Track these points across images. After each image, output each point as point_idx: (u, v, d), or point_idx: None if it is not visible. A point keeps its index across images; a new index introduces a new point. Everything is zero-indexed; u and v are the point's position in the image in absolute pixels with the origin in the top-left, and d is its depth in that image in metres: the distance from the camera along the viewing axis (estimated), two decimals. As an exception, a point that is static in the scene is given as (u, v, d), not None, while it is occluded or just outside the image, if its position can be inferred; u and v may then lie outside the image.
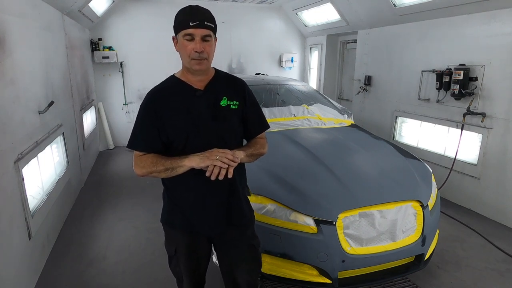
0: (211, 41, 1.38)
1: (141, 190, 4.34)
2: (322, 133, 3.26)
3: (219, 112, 1.45)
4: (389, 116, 5.04)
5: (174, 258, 1.61)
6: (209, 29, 1.35)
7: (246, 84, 1.59)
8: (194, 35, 1.33)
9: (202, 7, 1.38)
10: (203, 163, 1.31)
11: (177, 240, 1.57)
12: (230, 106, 1.47)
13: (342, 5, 5.32)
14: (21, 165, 2.32)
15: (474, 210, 3.80)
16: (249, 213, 1.64)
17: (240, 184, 1.58)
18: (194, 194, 1.48)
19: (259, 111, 1.62)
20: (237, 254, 1.61)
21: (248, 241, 1.62)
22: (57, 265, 2.75)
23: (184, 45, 1.35)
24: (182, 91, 1.44)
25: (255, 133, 1.60)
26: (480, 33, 3.57)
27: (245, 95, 1.54)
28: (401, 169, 2.65)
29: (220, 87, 1.49)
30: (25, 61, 2.62)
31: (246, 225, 1.62)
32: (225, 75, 1.57)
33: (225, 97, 1.47)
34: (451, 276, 2.64)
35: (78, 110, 4.38)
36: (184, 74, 1.47)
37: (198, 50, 1.33)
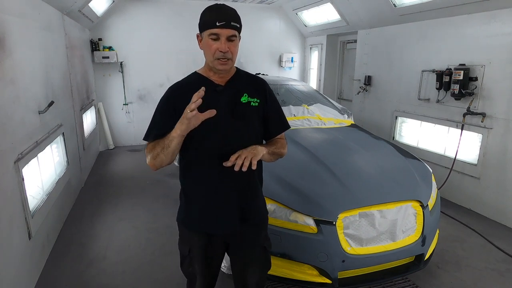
0: (236, 41, 1.37)
1: (141, 190, 4.34)
2: (322, 133, 3.26)
3: (239, 109, 1.43)
4: (389, 116, 5.04)
5: (188, 258, 1.58)
6: (234, 29, 1.34)
7: (267, 83, 1.58)
8: (220, 35, 1.32)
9: (229, 7, 1.37)
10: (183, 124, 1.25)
11: (191, 240, 1.55)
12: (251, 103, 1.46)
13: (342, 5, 5.32)
14: (21, 165, 2.32)
15: (474, 210, 3.80)
16: (264, 215, 1.63)
17: (258, 182, 1.57)
18: (210, 192, 1.47)
19: (280, 111, 1.59)
20: (250, 256, 1.60)
21: (261, 243, 1.61)
22: (57, 265, 2.75)
23: (209, 44, 1.35)
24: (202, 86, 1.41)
25: (275, 132, 1.57)
26: (480, 33, 3.57)
27: (266, 94, 1.52)
28: (401, 169, 2.65)
29: (241, 84, 1.48)
30: (25, 61, 2.62)
31: (260, 226, 1.61)
32: (246, 73, 1.56)
33: (246, 93, 1.45)
34: (451, 276, 2.64)
35: (78, 110, 4.38)
36: (206, 72, 1.47)
37: (224, 50, 1.33)
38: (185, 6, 6.35)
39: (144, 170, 5.10)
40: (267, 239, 1.66)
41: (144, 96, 6.48)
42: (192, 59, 6.52)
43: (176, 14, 6.34)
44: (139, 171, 5.09)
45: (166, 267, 2.72)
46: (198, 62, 6.99)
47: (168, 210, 3.77)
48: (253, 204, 1.55)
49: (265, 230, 1.64)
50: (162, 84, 6.50)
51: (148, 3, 6.15)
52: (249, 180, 1.50)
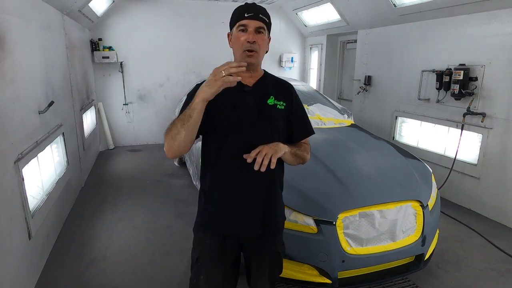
0: (265, 34, 1.38)
1: (141, 190, 4.34)
2: (322, 133, 3.26)
3: (265, 110, 1.42)
4: (389, 116, 5.04)
5: (195, 267, 1.51)
6: (262, 22, 1.36)
7: (294, 88, 1.57)
8: (248, 26, 1.34)
9: (258, 4, 1.40)
10: (213, 88, 1.18)
11: (204, 245, 1.49)
12: (277, 106, 1.45)
13: (342, 5, 5.32)
14: (21, 165, 2.32)
15: (474, 210, 3.80)
16: (282, 220, 1.61)
17: (279, 186, 1.54)
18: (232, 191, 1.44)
19: (305, 117, 1.58)
20: (265, 260, 1.58)
21: (276, 248, 1.60)
22: (57, 265, 2.75)
23: (237, 37, 1.37)
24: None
25: (299, 137, 1.56)
26: (480, 33, 3.57)
27: (292, 98, 1.52)
28: (401, 169, 2.65)
29: (268, 87, 1.48)
30: (25, 61, 2.62)
31: (277, 231, 1.59)
32: (274, 77, 1.56)
33: (273, 96, 1.45)
34: (451, 276, 2.64)
35: (78, 110, 4.38)
36: None
37: (251, 40, 1.33)
38: (185, 6, 6.35)
39: (144, 170, 5.10)
40: (282, 243, 1.64)
41: (144, 96, 6.48)
42: (192, 59, 6.54)
43: (176, 14, 6.33)
44: (139, 171, 5.09)
45: (166, 267, 2.72)
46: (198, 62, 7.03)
47: (168, 210, 3.77)
48: (274, 210, 1.52)
49: (280, 235, 1.62)
50: (162, 84, 6.50)
51: (148, 3, 6.15)
52: (272, 185, 1.48)
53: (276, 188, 1.51)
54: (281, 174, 1.56)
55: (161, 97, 6.54)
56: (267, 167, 1.26)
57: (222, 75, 1.17)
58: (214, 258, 1.49)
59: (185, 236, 3.15)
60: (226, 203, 1.45)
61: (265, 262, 1.58)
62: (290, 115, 1.51)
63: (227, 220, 1.46)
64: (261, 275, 1.59)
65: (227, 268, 1.52)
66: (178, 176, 4.81)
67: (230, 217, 1.46)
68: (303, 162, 1.54)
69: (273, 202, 1.51)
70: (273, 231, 1.55)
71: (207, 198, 1.48)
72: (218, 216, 1.46)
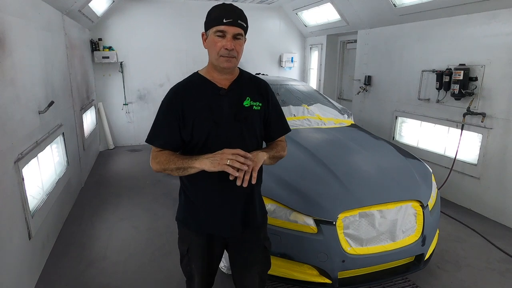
0: (242, 40, 1.37)
1: (141, 190, 4.34)
2: (322, 133, 3.26)
3: (242, 112, 1.43)
4: (389, 116, 5.04)
5: (186, 257, 1.58)
6: (241, 28, 1.34)
7: (270, 86, 1.58)
8: (226, 32, 1.32)
9: (236, 6, 1.37)
10: (214, 167, 1.28)
11: (190, 240, 1.55)
12: (253, 107, 1.45)
13: (342, 5, 5.32)
14: (21, 165, 2.32)
15: (474, 210, 3.80)
16: (263, 216, 1.63)
17: (258, 185, 1.56)
18: (211, 194, 1.46)
19: (281, 114, 1.60)
20: (250, 256, 1.60)
21: (261, 244, 1.62)
22: (57, 265, 2.75)
23: (214, 42, 1.35)
24: (205, 88, 1.42)
25: (276, 135, 1.58)
26: (480, 33, 3.57)
27: (269, 97, 1.52)
28: (401, 169, 2.65)
29: (244, 88, 1.47)
30: (25, 61, 2.62)
31: (260, 227, 1.61)
32: (249, 76, 1.55)
33: (249, 97, 1.45)
34: (451, 276, 2.64)
35: (78, 110, 4.38)
36: (209, 72, 1.45)
37: (229, 47, 1.32)
38: (185, 6, 6.35)
39: (144, 170, 5.10)
40: (267, 238, 1.66)
41: (144, 96, 6.48)
42: (192, 59, 6.54)
43: (176, 14, 6.34)
44: (139, 171, 5.09)
45: (166, 267, 2.72)
46: (198, 62, 7.03)
47: (168, 210, 3.77)
48: (254, 207, 1.54)
49: (264, 230, 1.65)
50: (162, 84, 6.50)
51: (148, 3, 6.15)
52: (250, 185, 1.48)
53: (255, 186, 1.52)
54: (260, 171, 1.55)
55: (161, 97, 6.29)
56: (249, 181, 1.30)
57: (227, 163, 1.25)
58: (202, 253, 1.56)
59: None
60: (206, 204, 1.48)
61: (252, 258, 1.60)
62: (267, 114, 1.52)
63: (208, 221, 1.49)
64: (248, 271, 1.61)
65: (214, 257, 1.60)
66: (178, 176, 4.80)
67: (210, 218, 1.49)
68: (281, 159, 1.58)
69: (252, 200, 1.53)
70: (256, 227, 1.58)
71: (187, 197, 1.52)
72: (199, 218, 1.50)
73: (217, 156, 1.28)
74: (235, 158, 1.26)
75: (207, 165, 1.29)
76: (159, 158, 1.39)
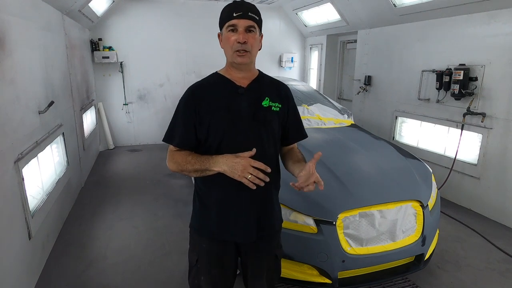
0: (255, 33, 1.34)
1: (141, 190, 4.34)
2: (322, 133, 3.26)
3: (260, 112, 1.39)
4: (389, 116, 5.04)
5: (194, 269, 1.52)
6: (253, 20, 1.32)
7: (290, 89, 1.55)
8: (237, 25, 1.31)
9: (247, 2, 1.36)
10: (233, 175, 1.26)
11: (201, 248, 1.49)
12: (272, 108, 1.42)
13: (342, 5, 5.32)
14: (21, 165, 2.32)
15: (474, 210, 3.80)
16: (279, 224, 1.59)
17: (275, 192, 1.53)
18: (227, 198, 1.42)
19: (299, 119, 1.57)
20: (262, 265, 1.56)
21: (274, 252, 1.59)
22: (57, 265, 2.75)
23: (227, 37, 1.33)
24: (224, 87, 1.40)
25: (293, 140, 1.56)
26: (480, 33, 3.57)
27: (289, 100, 1.50)
28: (401, 169, 2.65)
29: (263, 88, 1.45)
30: (25, 61, 2.62)
31: (274, 235, 1.57)
32: (269, 77, 1.53)
33: (268, 98, 1.42)
34: (451, 276, 2.64)
35: (78, 110, 4.38)
36: (227, 71, 1.43)
37: (241, 40, 1.30)
38: (185, 6, 6.35)
39: (144, 170, 5.10)
40: (279, 246, 1.63)
41: (144, 96, 6.48)
42: (192, 59, 6.54)
43: (176, 14, 6.34)
44: (139, 171, 5.09)
45: (166, 267, 2.72)
46: (198, 62, 7.04)
47: (168, 210, 3.77)
48: (271, 213, 1.51)
49: (277, 238, 1.61)
50: (162, 84, 6.50)
51: (148, 3, 6.15)
52: (267, 189, 1.45)
53: (271, 192, 1.49)
54: (276, 176, 1.53)
55: (161, 97, 6.54)
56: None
57: (248, 176, 1.25)
58: (213, 261, 1.49)
59: (185, 236, 3.13)
60: (222, 209, 1.43)
61: (263, 266, 1.56)
62: (286, 117, 1.49)
63: (223, 226, 1.44)
64: (258, 279, 1.57)
65: (226, 269, 1.53)
66: (178, 176, 4.81)
67: (225, 223, 1.44)
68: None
69: (268, 206, 1.49)
70: (270, 235, 1.54)
71: (202, 202, 1.47)
72: (214, 223, 1.45)
73: (238, 165, 1.26)
74: (256, 174, 1.25)
75: (225, 171, 1.27)
76: (176, 158, 1.37)
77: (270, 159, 1.42)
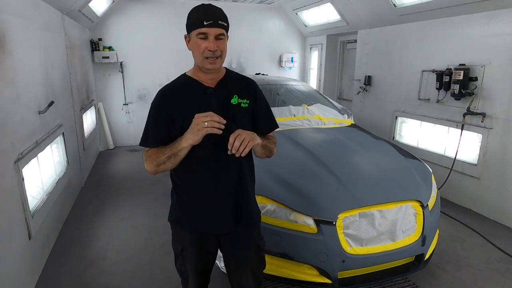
0: (224, 39, 1.39)
1: (141, 190, 4.34)
2: (322, 133, 3.26)
3: (230, 110, 1.44)
4: (389, 116, 5.04)
5: (180, 257, 1.60)
6: (222, 28, 1.36)
7: (257, 83, 1.59)
8: (208, 34, 1.34)
9: (215, 6, 1.38)
10: (197, 136, 1.29)
11: (184, 239, 1.56)
12: (241, 104, 1.47)
13: (342, 5, 5.32)
14: (21, 165, 2.32)
15: (474, 210, 3.80)
16: (256, 214, 1.64)
17: (250, 182, 1.57)
18: (203, 191, 1.47)
19: (269, 111, 1.62)
20: (244, 255, 1.61)
21: (255, 242, 1.62)
22: (57, 265, 2.75)
23: (197, 44, 1.37)
24: (193, 89, 1.45)
25: (265, 132, 1.60)
26: (480, 33, 3.57)
27: (256, 94, 1.54)
28: (401, 169, 2.65)
29: (231, 86, 1.49)
30: (25, 61, 2.62)
31: (253, 225, 1.62)
32: (236, 74, 1.57)
33: (236, 95, 1.47)
34: (451, 276, 2.64)
35: (78, 110, 4.38)
36: (195, 73, 1.48)
37: (212, 48, 1.34)
38: (185, 6, 6.29)
39: (144, 170, 5.06)
40: (261, 237, 1.67)
41: (144, 96, 6.48)
42: (192, 59, 6.51)
43: (176, 14, 6.33)
44: (139, 171, 5.09)
45: (166, 267, 2.72)
46: (198, 62, 6.77)
47: (168, 210, 3.75)
48: (245, 204, 1.55)
49: (258, 228, 1.65)
50: (162, 84, 6.29)
51: (148, 3, 6.15)
52: (241, 180, 1.51)
53: (246, 183, 1.53)
54: (251, 168, 1.58)
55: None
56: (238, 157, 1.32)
57: (205, 126, 1.27)
58: (196, 252, 1.57)
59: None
60: (199, 203, 1.49)
61: (246, 258, 1.61)
62: (255, 111, 1.53)
63: (201, 219, 1.51)
64: (242, 271, 1.62)
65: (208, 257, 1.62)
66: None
67: (203, 216, 1.50)
68: (270, 155, 1.59)
69: (244, 197, 1.53)
70: (249, 225, 1.58)
71: (180, 197, 1.53)
72: (193, 215, 1.51)
73: (193, 126, 1.29)
74: (210, 119, 1.27)
75: (190, 138, 1.31)
76: (150, 157, 1.42)
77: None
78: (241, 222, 1.54)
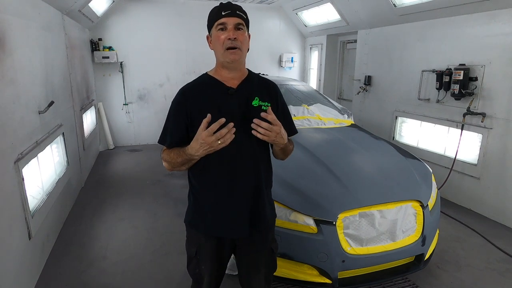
0: (244, 30, 1.38)
1: (141, 190, 4.34)
2: (322, 133, 3.26)
3: (250, 112, 1.41)
4: (389, 116, 5.04)
5: (194, 259, 1.58)
6: (241, 19, 1.36)
7: (278, 87, 1.58)
8: (227, 23, 1.34)
9: (233, 3, 1.40)
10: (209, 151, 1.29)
11: (199, 242, 1.54)
12: (262, 107, 1.44)
13: (342, 5, 5.32)
14: (21, 165, 2.32)
15: (474, 210, 3.80)
16: (271, 218, 1.62)
17: (266, 186, 1.55)
18: (220, 194, 1.46)
19: (289, 116, 1.61)
20: (257, 258, 1.60)
21: (269, 246, 1.61)
22: (57, 265, 2.75)
23: (217, 36, 1.36)
24: (214, 88, 1.43)
25: None
26: (480, 33, 3.57)
27: (278, 98, 1.53)
28: (401, 169, 2.65)
29: (253, 87, 1.47)
30: (25, 61, 2.62)
31: (267, 229, 1.60)
32: (259, 76, 1.56)
33: (257, 97, 1.44)
34: (451, 276, 2.64)
35: (78, 110, 4.38)
36: (217, 72, 1.46)
37: (231, 37, 1.33)
38: (185, 6, 6.35)
39: (144, 170, 5.10)
40: (274, 240, 1.65)
41: (144, 96, 6.48)
42: (192, 59, 6.54)
43: (176, 14, 6.34)
44: (139, 171, 5.09)
45: (166, 267, 2.72)
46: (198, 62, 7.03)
47: (168, 210, 3.77)
48: (262, 209, 1.53)
49: (271, 232, 1.64)
50: (162, 84, 6.50)
51: (148, 3, 6.15)
52: (259, 185, 1.49)
53: (262, 190, 1.51)
54: (268, 172, 1.57)
55: (161, 97, 6.54)
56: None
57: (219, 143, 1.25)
58: (212, 255, 1.55)
59: (185, 236, 3.15)
60: (215, 207, 1.47)
61: (259, 260, 1.60)
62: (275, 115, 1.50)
63: (217, 224, 1.49)
64: (255, 273, 1.60)
65: (224, 259, 1.60)
66: (178, 176, 4.81)
67: (219, 221, 1.48)
68: (285, 158, 1.59)
69: (260, 203, 1.51)
70: (263, 230, 1.57)
71: (197, 200, 1.52)
72: (208, 220, 1.49)
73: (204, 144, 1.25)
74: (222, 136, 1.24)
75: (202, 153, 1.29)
76: (167, 157, 1.43)
77: (261, 158, 1.48)
78: (257, 227, 1.52)
